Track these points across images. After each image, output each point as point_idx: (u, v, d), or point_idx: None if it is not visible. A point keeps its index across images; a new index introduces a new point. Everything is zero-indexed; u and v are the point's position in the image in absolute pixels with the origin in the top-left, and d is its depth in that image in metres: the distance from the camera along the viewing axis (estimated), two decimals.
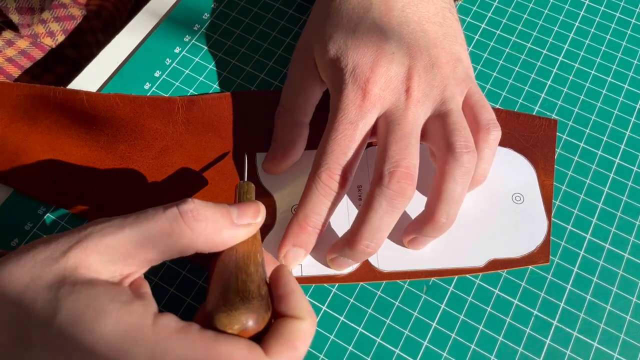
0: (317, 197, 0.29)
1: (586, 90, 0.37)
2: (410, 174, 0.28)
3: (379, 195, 0.28)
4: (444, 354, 0.30)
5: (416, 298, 0.31)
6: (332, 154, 0.29)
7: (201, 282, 0.31)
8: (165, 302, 0.31)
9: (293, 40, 0.39)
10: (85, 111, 0.35)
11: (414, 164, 0.28)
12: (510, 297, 0.31)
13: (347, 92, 0.29)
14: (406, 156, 0.28)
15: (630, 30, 0.39)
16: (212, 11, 0.40)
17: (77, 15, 0.43)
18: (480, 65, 0.38)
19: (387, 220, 0.28)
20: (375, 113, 0.29)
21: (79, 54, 0.44)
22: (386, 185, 0.27)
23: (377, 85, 0.29)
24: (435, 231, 0.29)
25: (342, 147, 0.29)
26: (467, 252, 0.32)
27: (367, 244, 0.28)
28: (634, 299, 0.31)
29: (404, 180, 0.27)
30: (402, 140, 0.28)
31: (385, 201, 0.27)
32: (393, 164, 0.28)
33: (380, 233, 0.28)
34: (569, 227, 0.33)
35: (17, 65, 0.41)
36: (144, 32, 0.39)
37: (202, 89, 0.37)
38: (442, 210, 0.28)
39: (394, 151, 0.28)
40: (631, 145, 0.35)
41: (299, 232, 0.30)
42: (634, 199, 0.34)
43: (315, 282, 0.31)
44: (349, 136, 0.29)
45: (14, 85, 0.36)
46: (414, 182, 0.28)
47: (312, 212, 0.29)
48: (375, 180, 0.28)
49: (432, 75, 0.30)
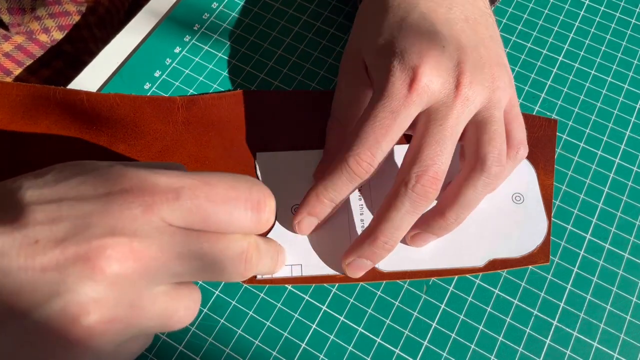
0: (339, 177, 0.29)
1: (586, 90, 0.37)
2: (437, 180, 0.27)
3: (402, 195, 0.27)
4: (444, 354, 0.30)
5: (416, 298, 0.31)
6: (366, 141, 0.28)
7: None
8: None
9: (293, 40, 0.39)
10: (85, 111, 0.35)
11: (443, 170, 0.28)
12: (510, 297, 0.31)
13: (394, 79, 0.28)
14: (437, 162, 0.27)
15: (630, 30, 0.39)
16: (212, 11, 0.40)
17: (72, 12, 0.43)
18: None
19: (407, 219, 0.28)
20: (419, 106, 0.28)
21: (74, 49, 0.44)
22: (411, 187, 0.27)
23: (426, 75, 0.28)
24: (440, 229, 0.30)
25: (377, 135, 0.28)
26: (467, 252, 0.32)
27: (387, 240, 0.28)
28: (634, 299, 0.31)
29: (430, 186, 0.27)
30: (439, 144, 0.27)
31: (409, 202, 0.27)
32: (422, 168, 0.27)
33: (400, 232, 0.28)
34: (569, 227, 0.33)
35: (14, 60, 0.41)
36: (144, 32, 0.39)
37: (202, 89, 0.37)
38: (453, 212, 0.29)
39: (427, 155, 0.27)
40: (631, 145, 0.35)
41: (315, 203, 0.30)
42: (634, 199, 0.34)
43: (315, 282, 0.31)
44: (386, 126, 0.28)
45: (14, 85, 0.36)
46: (439, 187, 0.28)
47: (332, 188, 0.29)
48: (401, 179, 0.28)
49: (483, 75, 0.29)
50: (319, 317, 0.31)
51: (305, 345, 0.30)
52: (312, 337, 0.30)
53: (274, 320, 0.31)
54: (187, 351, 0.30)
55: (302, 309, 0.31)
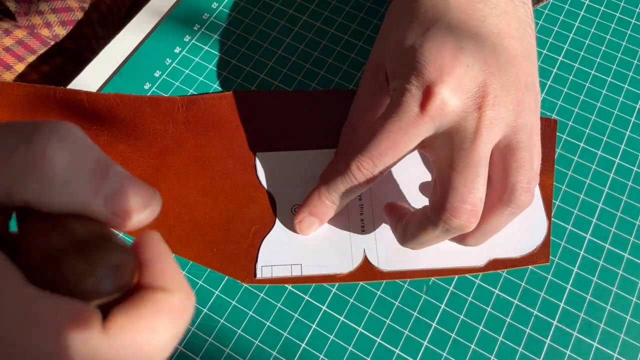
0: (341, 182, 0.29)
1: (586, 90, 0.37)
2: (475, 212, 0.26)
3: (435, 225, 0.26)
4: (444, 354, 0.30)
5: (416, 298, 0.31)
6: (370, 151, 0.27)
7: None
8: None
9: (293, 40, 0.39)
10: (85, 111, 0.35)
11: (481, 198, 0.26)
12: (510, 297, 0.31)
13: (409, 95, 0.26)
14: (473, 189, 0.25)
15: (630, 30, 0.39)
16: (212, 11, 0.40)
17: (74, 8, 0.43)
18: None
19: (438, 239, 0.28)
20: (431, 128, 0.26)
21: (76, 46, 0.44)
22: (446, 220, 0.26)
23: (441, 95, 0.25)
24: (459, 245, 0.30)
25: (382, 148, 0.27)
26: (467, 251, 0.32)
27: (412, 246, 0.30)
28: (634, 299, 0.31)
29: (467, 221, 0.26)
30: (470, 171, 0.26)
31: (441, 231, 0.27)
32: (458, 199, 0.25)
33: (425, 246, 0.29)
34: (569, 227, 0.33)
35: (14, 55, 0.41)
36: (144, 32, 0.39)
37: (202, 89, 0.37)
38: (473, 239, 0.28)
39: (460, 182, 0.26)
40: (631, 145, 0.35)
41: (317, 204, 0.30)
42: (634, 199, 0.34)
43: (315, 282, 0.31)
44: (393, 141, 0.27)
45: (14, 85, 0.36)
46: (478, 218, 0.26)
47: (333, 191, 0.30)
48: (436, 208, 0.26)
49: (509, 98, 0.26)
50: (319, 317, 0.31)
51: (305, 345, 0.30)
52: (312, 337, 0.30)
53: (274, 320, 0.31)
54: (187, 351, 0.30)
55: (302, 309, 0.31)
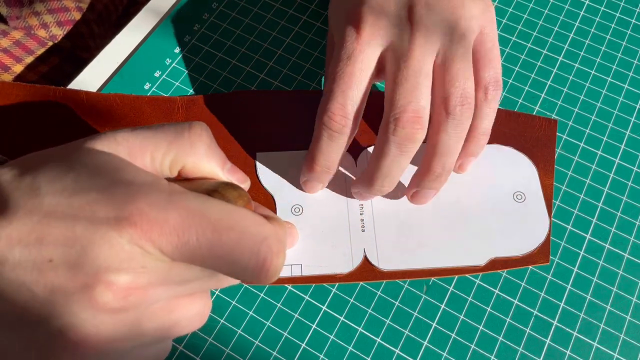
0: (322, 140, 0.29)
1: (586, 90, 0.37)
2: (418, 118, 0.27)
3: (387, 142, 0.27)
4: (444, 354, 0.30)
5: (416, 298, 0.31)
6: (332, 94, 0.28)
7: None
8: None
9: (293, 40, 0.39)
10: (85, 111, 0.35)
11: (423, 106, 0.27)
12: (510, 297, 0.31)
13: (345, 30, 0.28)
14: (413, 99, 0.27)
15: (630, 30, 0.39)
16: (212, 11, 0.40)
17: (71, 8, 0.43)
18: None
19: (398, 162, 0.28)
20: (375, 46, 0.28)
21: (73, 45, 0.44)
22: (392, 132, 0.27)
23: (371, 12, 0.27)
24: (433, 182, 0.30)
25: (341, 85, 0.28)
26: (468, 250, 0.32)
27: (381, 184, 0.29)
28: (634, 299, 0.31)
29: (411, 126, 0.27)
30: (409, 81, 0.27)
31: (395, 147, 0.27)
32: (399, 110, 0.27)
33: (392, 175, 0.29)
34: (569, 227, 0.33)
35: (12, 56, 0.41)
36: (144, 32, 0.39)
37: (202, 89, 0.37)
38: (437, 163, 0.29)
39: (400, 94, 0.27)
40: (631, 145, 0.35)
41: (310, 171, 0.31)
42: (634, 199, 0.34)
43: (315, 282, 0.31)
44: (347, 74, 0.28)
45: (14, 85, 0.36)
46: (423, 125, 0.27)
47: (319, 153, 0.30)
48: (383, 126, 0.28)
49: (441, 4, 0.27)
50: (319, 317, 0.31)
51: (305, 345, 0.30)
52: (312, 337, 0.30)
53: (274, 320, 0.31)
54: (187, 351, 0.30)
55: (302, 309, 0.31)
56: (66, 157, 0.21)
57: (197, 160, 0.24)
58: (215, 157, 0.24)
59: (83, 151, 0.22)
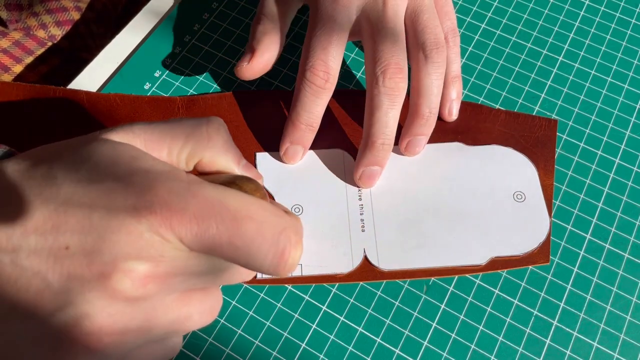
0: (305, 95, 0.31)
1: (586, 90, 0.37)
2: (400, 69, 0.30)
3: (378, 94, 0.30)
4: (444, 354, 0.30)
5: (416, 298, 0.31)
6: (314, 51, 0.31)
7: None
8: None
9: (293, 40, 0.39)
10: (85, 111, 0.35)
11: (403, 58, 0.31)
12: (510, 297, 0.31)
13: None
14: (394, 53, 0.30)
15: (630, 30, 0.39)
16: (212, 11, 0.40)
17: (69, 8, 0.43)
18: (480, 65, 0.38)
19: (391, 114, 0.31)
20: (353, 9, 0.31)
21: (72, 45, 0.44)
22: (382, 84, 0.30)
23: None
24: (422, 126, 0.32)
25: (322, 42, 0.30)
26: (468, 250, 0.32)
27: (383, 141, 0.31)
28: (634, 299, 0.31)
29: (396, 76, 0.30)
30: (388, 38, 0.30)
31: (386, 98, 0.30)
32: (384, 63, 0.30)
33: (389, 128, 0.31)
34: (569, 227, 0.33)
35: (11, 57, 0.41)
36: (144, 32, 0.39)
37: (202, 89, 0.37)
38: (424, 105, 0.31)
39: (382, 51, 0.30)
40: (631, 145, 0.35)
41: (293, 131, 0.32)
42: (634, 199, 0.34)
43: (315, 282, 0.31)
44: (327, 31, 0.31)
45: (14, 85, 0.36)
46: (405, 75, 0.30)
47: (302, 110, 0.32)
48: (371, 82, 0.31)
49: None
50: (319, 317, 0.31)
51: (305, 345, 0.30)
52: (312, 337, 0.30)
53: (274, 320, 0.31)
54: (187, 351, 0.30)
55: (302, 309, 0.31)
56: (82, 148, 0.21)
57: (214, 154, 0.24)
58: (231, 153, 0.25)
59: (99, 142, 0.22)
